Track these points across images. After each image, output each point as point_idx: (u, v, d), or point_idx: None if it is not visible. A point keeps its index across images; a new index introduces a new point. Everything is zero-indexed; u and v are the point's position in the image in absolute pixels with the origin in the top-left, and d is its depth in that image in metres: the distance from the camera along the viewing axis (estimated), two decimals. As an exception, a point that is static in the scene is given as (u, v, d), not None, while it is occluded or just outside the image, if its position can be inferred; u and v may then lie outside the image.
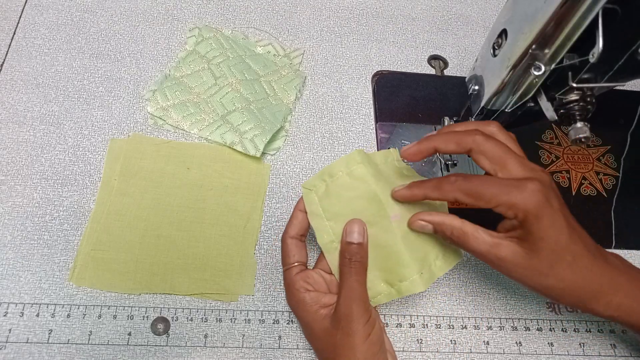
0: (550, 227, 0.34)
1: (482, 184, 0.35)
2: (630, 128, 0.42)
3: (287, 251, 0.41)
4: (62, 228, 0.45)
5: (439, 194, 0.36)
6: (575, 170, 0.54)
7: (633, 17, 0.33)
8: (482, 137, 0.36)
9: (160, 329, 0.42)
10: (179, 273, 0.44)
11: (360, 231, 0.39)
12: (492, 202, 0.34)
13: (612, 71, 0.36)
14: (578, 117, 0.38)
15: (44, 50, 0.53)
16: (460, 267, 0.48)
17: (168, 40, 0.56)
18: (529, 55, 0.36)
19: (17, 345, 0.40)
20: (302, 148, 0.52)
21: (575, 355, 0.45)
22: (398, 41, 0.60)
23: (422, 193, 0.37)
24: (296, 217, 0.41)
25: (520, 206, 0.33)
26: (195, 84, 0.53)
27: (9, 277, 0.42)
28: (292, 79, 0.55)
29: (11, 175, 0.46)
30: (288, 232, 0.41)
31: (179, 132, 0.51)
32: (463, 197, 0.35)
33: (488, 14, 0.64)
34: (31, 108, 0.50)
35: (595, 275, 0.36)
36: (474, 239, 0.36)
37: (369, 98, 0.56)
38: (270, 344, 0.43)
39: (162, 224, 0.46)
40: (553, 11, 0.33)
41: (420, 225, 0.38)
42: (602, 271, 0.36)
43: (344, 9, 0.62)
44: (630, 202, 0.53)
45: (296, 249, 0.41)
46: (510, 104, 0.41)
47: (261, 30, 0.58)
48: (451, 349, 0.44)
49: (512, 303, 0.47)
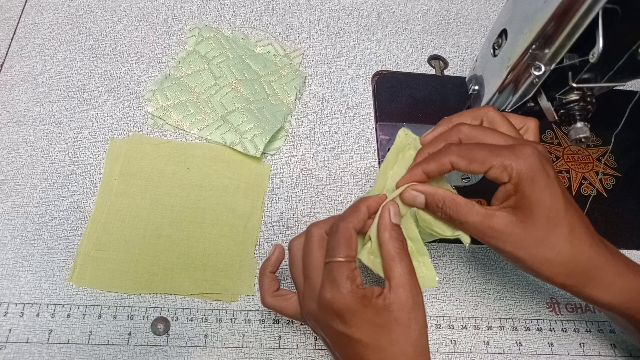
0: (546, 190, 0.33)
1: (476, 146, 0.34)
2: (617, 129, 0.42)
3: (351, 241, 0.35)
4: (62, 228, 0.45)
5: (436, 165, 0.36)
6: (575, 170, 0.54)
7: (633, 17, 0.33)
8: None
9: (160, 329, 0.42)
10: (179, 273, 0.44)
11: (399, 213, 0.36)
12: (485, 164, 0.34)
13: (612, 71, 0.36)
14: (578, 117, 0.38)
15: (44, 50, 0.53)
16: (461, 267, 0.48)
17: (168, 40, 0.56)
18: (529, 55, 0.36)
19: (17, 345, 0.40)
20: (302, 148, 0.52)
21: (575, 355, 0.45)
22: (398, 41, 0.60)
23: (420, 170, 0.36)
24: (363, 211, 0.37)
25: (515, 167, 0.33)
26: (195, 84, 0.53)
27: (9, 277, 0.42)
28: (292, 79, 0.55)
29: (11, 175, 0.46)
30: (353, 221, 0.36)
31: (179, 132, 0.51)
32: (457, 159, 0.34)
33: (488, 14, 0.64)
34: (31, 108, 0.50)
35: (595, 253, 0.34)
36: (467, 210, 0.35)
37: (369, 98, 0.56)
38: (270, 344, 0.43)
39: (162, 224, 0.46)
40: (553, 11, 0.33)
41: (412, 196, 0.36)
42: (602, 250, 0.35)
43: (344, 9, 0.62)
44: (630, 202, 0.53)
45: (356, 243, 0.36)
46: (510, 104, 0.41)
47: (261, 30, 0.58)
48: (451, 349, 0.44)
49: (512, 303, 0.47)
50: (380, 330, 0.34)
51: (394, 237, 0.35)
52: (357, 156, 0.52)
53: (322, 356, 0.43)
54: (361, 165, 0.52)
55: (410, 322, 0.34)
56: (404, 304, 0.34)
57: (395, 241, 0.35)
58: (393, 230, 0.36)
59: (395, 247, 0.35)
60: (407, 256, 0.35)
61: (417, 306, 0.34)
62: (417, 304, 0.34)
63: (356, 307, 0.34)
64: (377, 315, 0.34)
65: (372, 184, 0.50)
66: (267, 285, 0.40)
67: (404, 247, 0.36)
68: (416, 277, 0.35)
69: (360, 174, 0.51)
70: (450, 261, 0.48)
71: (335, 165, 0.52)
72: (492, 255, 0.49)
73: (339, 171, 0.51)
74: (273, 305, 0.40)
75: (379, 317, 0.34)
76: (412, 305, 0.34)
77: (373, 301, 0.34)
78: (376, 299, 0.34)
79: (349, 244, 0.35)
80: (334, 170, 0.51)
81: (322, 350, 0.43)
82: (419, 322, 0.34)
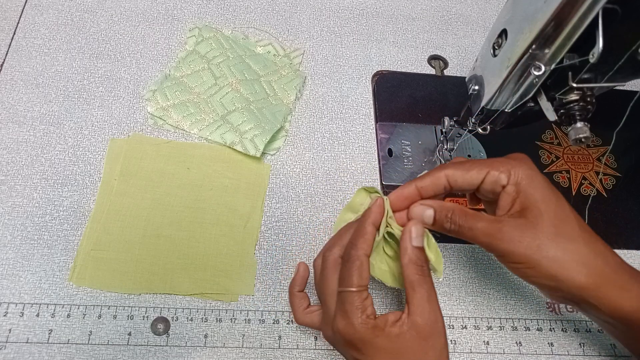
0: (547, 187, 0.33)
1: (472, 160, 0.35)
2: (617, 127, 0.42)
3: (362, 270, 0.35)
4: (62, 228, 0.45)
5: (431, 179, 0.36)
6: (575, 170, 0.54)
7: (633, 17, 0.32)
8: None
9: (160, 329, 0.42)
10: (179, 273, 0.44)
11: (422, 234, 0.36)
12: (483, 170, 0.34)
13: (612, 71, 0.36)
14: (578, 117, 0.38)
15: (44, 50, 0.53)
16: (460, 267, 0.48)
17: (168, 40, 0.56)
18: (529, 55, 0.36)
19: (17, 345, 0.40)
20: (302, 148, 0.52)
21: (575, 355, 0.45)
22: (398, 41, 0.60)
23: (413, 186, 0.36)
24: (370, 232, 0.36)
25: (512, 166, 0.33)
26: (195, 84, 0.53)
27: (9, 277, 0.42)
28: (292, 79, 0.55)
29: (11, 175, 0.46)
30: (363, 247, 0.35)
31: (179, 132, 0.51)
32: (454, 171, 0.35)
33: (488, 14, 0.64)
34: (31, 108, 0.50)
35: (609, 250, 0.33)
36: (476, 218, 0.34)
37: (369, 98, 0.56)
38: (270, 344, 0.42)
39: (162, 224, 0.46)
40: (553, 11, 0.33)
41: (420, 210, 0.36)
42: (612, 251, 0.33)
43: (344, 9, 0.62)
44: (630, 202, 0.53)
45: (368, 270, 0.35)
46: (510, 104, 0.41)
47: (261, 30, 0.58)
48: (451, 349, 0.44)
49: (512, 303, 0.47)
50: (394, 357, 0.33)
51: (413, 262, 0.35)
52: (357, 156, 0.52)
53: (322, 356, 0.43)
54: (361, 165, 0.52)
55: (427, 349, 0.33)
56: (421, 332, 0.33)
57: (414, 266, 0.35)
58: (413, 253, 0.35)
59: (415, 272, 0.34)
60: (426, 282, 0.34)
61: (435, 333, 0.34)
62: (436, 331, 0.34)
63: (367, 337, 0.34)
64: (390, 343, 0.34)
65: (372, 184, 0.50)
66: (297, 304, 0.41)
67: (424, 271, 0.35)
68: (436, 303, 0.34)
69: (360, 174, 0.51)
70: (450, 261, 0.48)
71: (335, 165, 0.52)
72: (492, 255, 0.49)
73: (339, 171, 0.51)
74: (306, 323, 0.40)
75: (393, 345, 0.33)
76: (429, 332, 0.33)
77: (386, 330, 0.34)
78: (391, 327, 0.34)
79: (360, 273, 0.35)
80: (334, 170, 0.51)
81: (322, 350, 0.43)
82: (437, 350, 0.34)
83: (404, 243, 0.35)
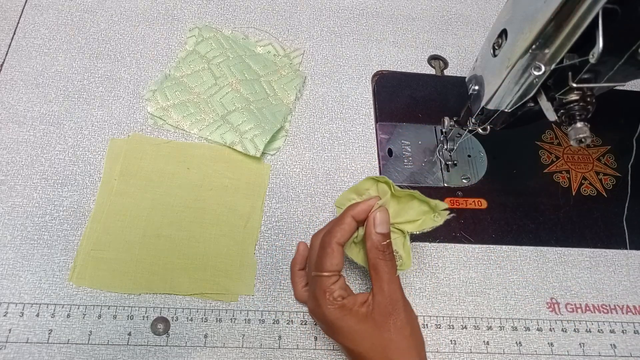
0: None
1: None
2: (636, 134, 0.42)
3: (332, 257, 0.38)
4: (62, 228, 0.45)
5: None
6: (575, 170, 0.54)
7: (633, 17, 0.32)
8: None
9: (160, 329, 0.42)
10: (179, 273, 0.44)
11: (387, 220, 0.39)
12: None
13: (612, 71, 0.36)
14: (578, 117, 0.38)
15: (44, 50, 0.53)
16: (460, 267, 0.48)
17: (168, 40, 0.56)
18: (529, 55, 0.36)
19: (17, 345, 0.40)
20: (302, 148, 0.52)
21: (575, 355, 0.45)
22: (398, 41, 0.60)
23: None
24: (348, 223, 0.39)
25: None
26: (195, 84, 0.53)
27: (9, 277, 0.42)
28: (292, 79, 0.55)
29: (11, 175, 0.46)
30: (336, 236, 0.38)
31: (179, 132, 0.51)
32: None
33: (488, 14, 0.64)
34: (31, 108, 0.50)
35: None
36: None
37: (369, 98, 0.56)
38: (270, 344, 0.43)
39: (162, 224, 0.46)
40: (553, 11, 0.33)
41: None
42: None
43: (344, 9, 0.62)
44: (630, 202, 0.53)
45: (340, 257, 0.39)
46: (510, 104, 0.41)
47: (261, 30, 0.58)
48: (451, 349, 0.44)
49: (512, 303, 0.47)
50: (360, 336, 0.37)
51: (376, 247, 0.38)
52: (357, 156, 0.52)
53: (322, 356, 0.43)
54: (361, 165, 0.52)
55: (389, 326, 0.36)
56: (383, 310, 0.37)
57: (376, 251, 0.38)
58: (376, 238, 0.38)
59: (376, 256, 0.38)
60: (387, 265, 0.38)
61: (395, 311, 0.37)
62: (396, 309, 0.37)
63: (334, 317, 0.37)
64: (359, 322, 0.37)
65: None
66: (297, 282, 0.44)
67: (386, 256, 0.38)
68: (397, 284, 0.38)
69: (360, 174, 0.51)
70: (450, 261, 0.48)
71: (335, 165, 0.52)
72: (492, 255, 0.49)
73: (339, 171, 0.51)
74: (303, 300, 0.44)
75: (362, 323, 0.37)
76: (390, 310, 0.37)
77: (354, 310, 0.37)
78: (359, 307, 0.37)
79: (331, 260, 0.38)
80: (334, 170, 0.51)
81: (322, 350, 0.43)
82: (397, 326, 0.37)
83: (368, 229, 0.39)
